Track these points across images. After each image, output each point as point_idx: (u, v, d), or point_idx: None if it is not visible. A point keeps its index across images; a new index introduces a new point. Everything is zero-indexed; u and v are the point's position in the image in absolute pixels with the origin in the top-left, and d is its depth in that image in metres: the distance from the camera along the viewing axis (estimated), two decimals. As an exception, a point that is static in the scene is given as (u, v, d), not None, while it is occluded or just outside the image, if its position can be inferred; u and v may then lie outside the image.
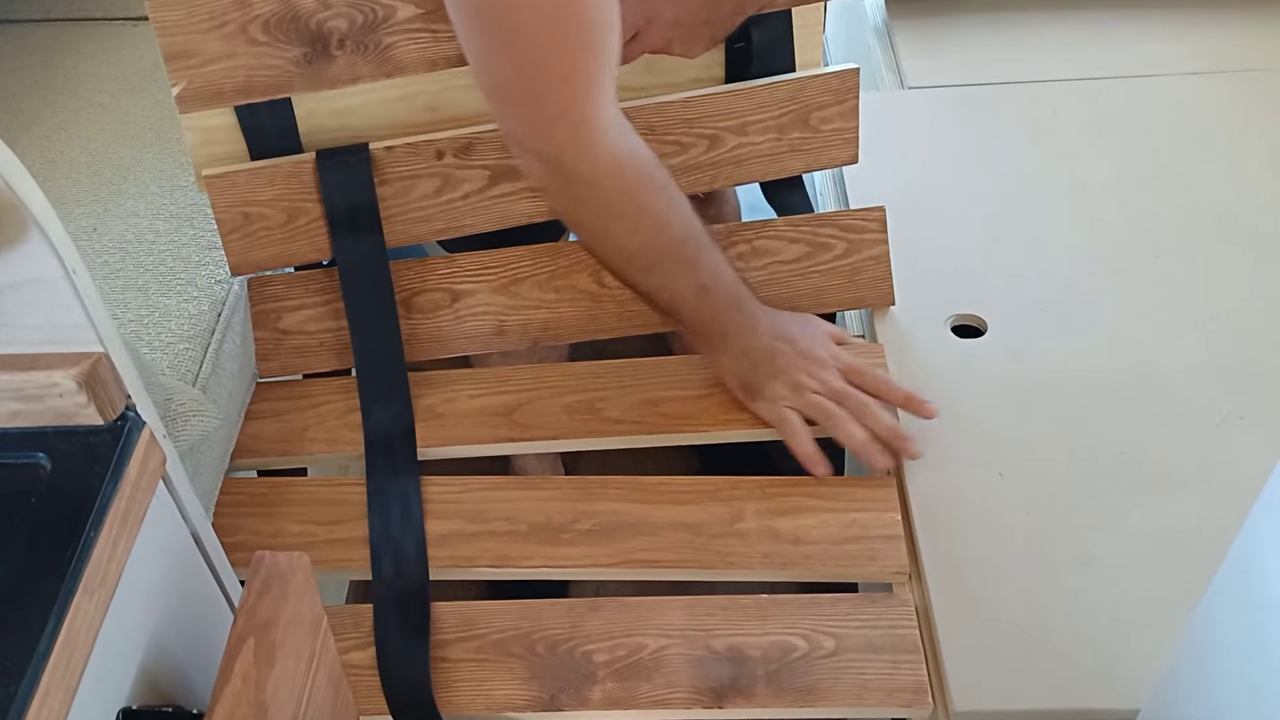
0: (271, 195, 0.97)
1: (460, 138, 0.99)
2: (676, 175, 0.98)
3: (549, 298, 1.04)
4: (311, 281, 1.02)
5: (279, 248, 0.99)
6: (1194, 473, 0.90)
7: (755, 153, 1.05)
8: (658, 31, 0.94)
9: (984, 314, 1.03)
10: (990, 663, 0.80)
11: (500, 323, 1.03)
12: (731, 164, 1.05)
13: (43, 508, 0.53)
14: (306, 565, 0.59)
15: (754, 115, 1.03)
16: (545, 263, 1.04)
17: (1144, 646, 0.80)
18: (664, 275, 0.90)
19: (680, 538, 0.90)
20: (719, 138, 1.04)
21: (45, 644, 0.48)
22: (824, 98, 1.04)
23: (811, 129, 1.05)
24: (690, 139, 1.04)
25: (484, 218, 1.03)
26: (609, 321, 1.04)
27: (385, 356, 0.99)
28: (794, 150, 1.05)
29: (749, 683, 0.82)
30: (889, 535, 0.89)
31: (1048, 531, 0.87)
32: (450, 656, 0.85)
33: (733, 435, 0.97)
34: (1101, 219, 1.11)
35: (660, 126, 1.02)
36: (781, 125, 1.04)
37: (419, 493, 0.93)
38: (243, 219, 0.97)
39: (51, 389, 0.52)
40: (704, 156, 1.04)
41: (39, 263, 0.50)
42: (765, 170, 1.06)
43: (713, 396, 0.98)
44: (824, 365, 0.94)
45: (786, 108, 1.04)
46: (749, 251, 1.04)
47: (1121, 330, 1.01)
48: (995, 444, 0.93)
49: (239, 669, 0.54)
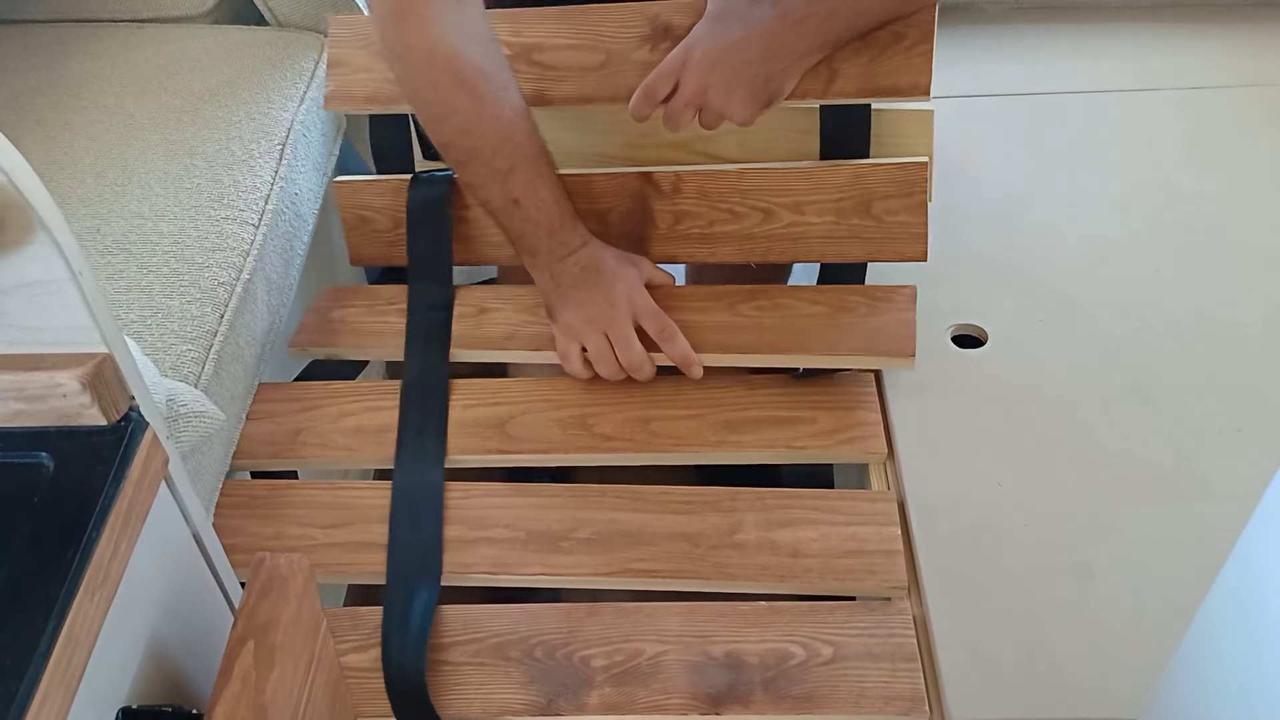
0: (382, 204, 1.13)
1: None
2: (731, 242, 1.05)
3: None
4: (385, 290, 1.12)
5: (385, 249, 1.14)
6: (1191, 485, 0.90)
7: (812, 232, 1.05)
8: (694, 75, 0.93)
9: (984, 324, 1.03)
10: (988, 672, 0.81)
11: (513, 331, 1.05)
12: (787, 239, 1.06)
13: (45, 507, 0.53)
14: (307, 568, 0.60)
15: (811, 195, 1.04)
16: None
17: (1141, 657, 0.80)
18: (475, 176, 0.95)
19: (679, 548, 0.90)
20: (773, 212, 1.05)
21: (46, 644, 0.48)
22: (888, 188, 1.02)
23: (874, 218, 1.03)
24: (744, 209, 1.06)
25: None
26: None
27: (433, 358, 1.04)
28: (855, 236, 1.04)
29: (746, 689, 0.82)
30: (888, 550, 0.89)
31: (1046, 542, 0.88)
32: (450, 659, 0.85)
33: (724, 457, 0.97)
34: (1103, 231, 1.12)
35: (714, 193, 1.05)
36: (841, 209, 1.04)
37: (442, 497, 0.94)
38: (360, 220, 1.14)
39: (55, 389, 0.52)
40: (758, 228, 1.06)
41: (45, 264, 0.51)
42: (823, 251, 1.06)
43: (704, 417, 0.98)
44: (617, 307, 0.97)
45: (847, 192, 1.03)
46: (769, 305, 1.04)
47: (1120, 342, 1.01)
48: (994, 455, 0.94)
49: (238, 670, 0.54)
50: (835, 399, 0.99)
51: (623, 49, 1.04)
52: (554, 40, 1.05)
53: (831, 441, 0.96)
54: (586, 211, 1.05)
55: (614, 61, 1.04)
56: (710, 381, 1.01)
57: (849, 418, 0.98)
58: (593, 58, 1.04)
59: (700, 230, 1.07)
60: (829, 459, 0.98)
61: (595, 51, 1.04)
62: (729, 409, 0.99)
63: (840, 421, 0.98)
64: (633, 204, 1.07)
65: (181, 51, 1.25)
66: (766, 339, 1.00)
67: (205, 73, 1.21)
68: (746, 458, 0.97)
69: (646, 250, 1.08)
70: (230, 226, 1.03)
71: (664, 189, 1.06)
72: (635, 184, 1.07)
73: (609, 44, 1.04)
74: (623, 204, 1.07)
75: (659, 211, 1.07)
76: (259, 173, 1.08)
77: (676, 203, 1.06)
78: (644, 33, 1.03)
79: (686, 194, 1.06)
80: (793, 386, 1.01)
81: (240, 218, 1.04)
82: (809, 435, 0.97)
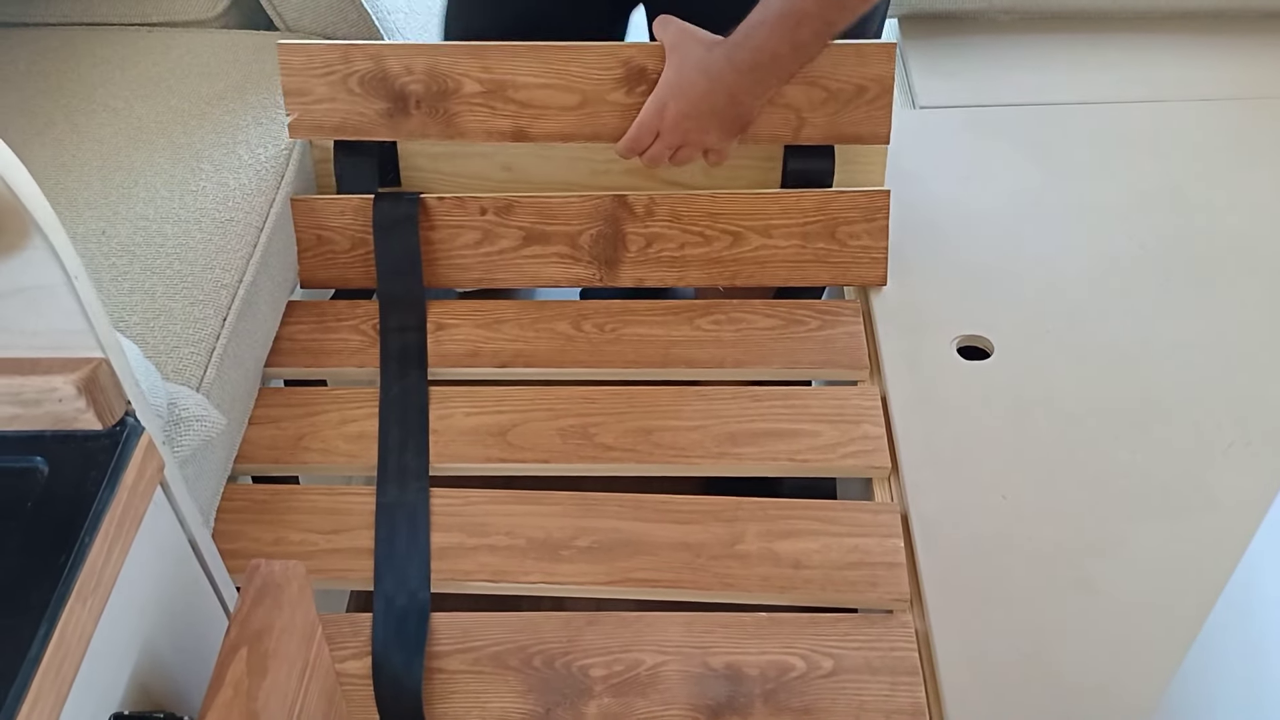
0: (342, 223, 1.11)
1: (502, 198, 1.10)
2: (700, 265, 1.11)
3: (526, 334, 1.07)
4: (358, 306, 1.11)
5: (340, 270, 1.12)
6: (1198, 498, 0.89)
7: (778, 256, 1.10)
8: (671, 129, 1.01)
9: (991, 336, 1.03)
10: (989, 686, 0.80)
11: (475, 349, 1.07)
12: (755, 263, 1.10)
13: (39, 512, 0.52)
14: (302, 574, 0.59)
15: (778, 219, 1.09)
16: (530, 312, 1.09)
17: (1145, 672, 0.79)
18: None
19: (680, 558, 0.90)
20: (742, 235, 1.09)
21: (36, 649, 0.47)
22: (852, 213, 1.08)
23: (839, 242, 1.09)
24: (715, 232, 1.10)
25: (515, 274, 1.12)
26: (580, 357, 1.06)
27: (410, 378, 1.03)
28: (819, 260, 1.10)
29: (746, 701, 0.81)
30: (891, 562, 0.88)
31: (1051, 555, 0.87)
32: (446, 668, 0.85)
33: (726, 469, 0.97)
34: (1110, 242, 1.11)
35: (686, 216, 1.09)
36: (807, 233, 1.09)
37: (427, 510, 0.93)
38: (316, 240, 1.11)
39: (50, 393, 0.52)
40: (726, 252, 1.10)
41: (41, 269, 0.50)
42: (788, 275, 1.11)
43: (707, 429, 0.98)
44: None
45: (813, 217, 1.08)
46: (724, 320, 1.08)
47: (1129, 354, 1.01)
48: (999, 467, 0.93)
49: (231, 677, 0.54)
50: (839, 412, 0.99)
51: (599, 90, 1.07)
52: (526, 78, 1.07)
53: (835, 455, 0.96)
54: (558, 233, 1.10)
55: (591, 102, 1.07)
56: (713, 393, 1.01)
57: (853, 431, 0.97)
58: (569, 97, 1.07)
59: (671, 253, 1.11)
60: (832, 473, 0.97)
61: (570, 91, 1.07)
62: (732, 421, 0.99)
63: (844, 435, 0.97)
64: (605, 227, 1.10)
65: (190, 56, 1.25)
66: (730, 354, 1.05)
67: (213, 77, 1.21)
68: (749, 470, 0.96)
69: (616, 273, 1.12)
70: (235, 229, 1.03)
71: (637, 211, 1.09)
72: (608, 206, 1.09)
73: (583, 85, 1.07)
74: (594, 226, 1.10)
75: (631, 234, 1.10)
76: (264, 177, 1.08)
77: (649, 225, 1.10)
78: (619, 75, 1.06)
79: (659, 216, 1.09)
80: (796, 400, 1.00)
81: (245, 220, 1.04)
82: (812, 449, 0.96)
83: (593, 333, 1.07)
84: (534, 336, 1.07)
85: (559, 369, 1.05)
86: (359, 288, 1.13)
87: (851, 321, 1.07)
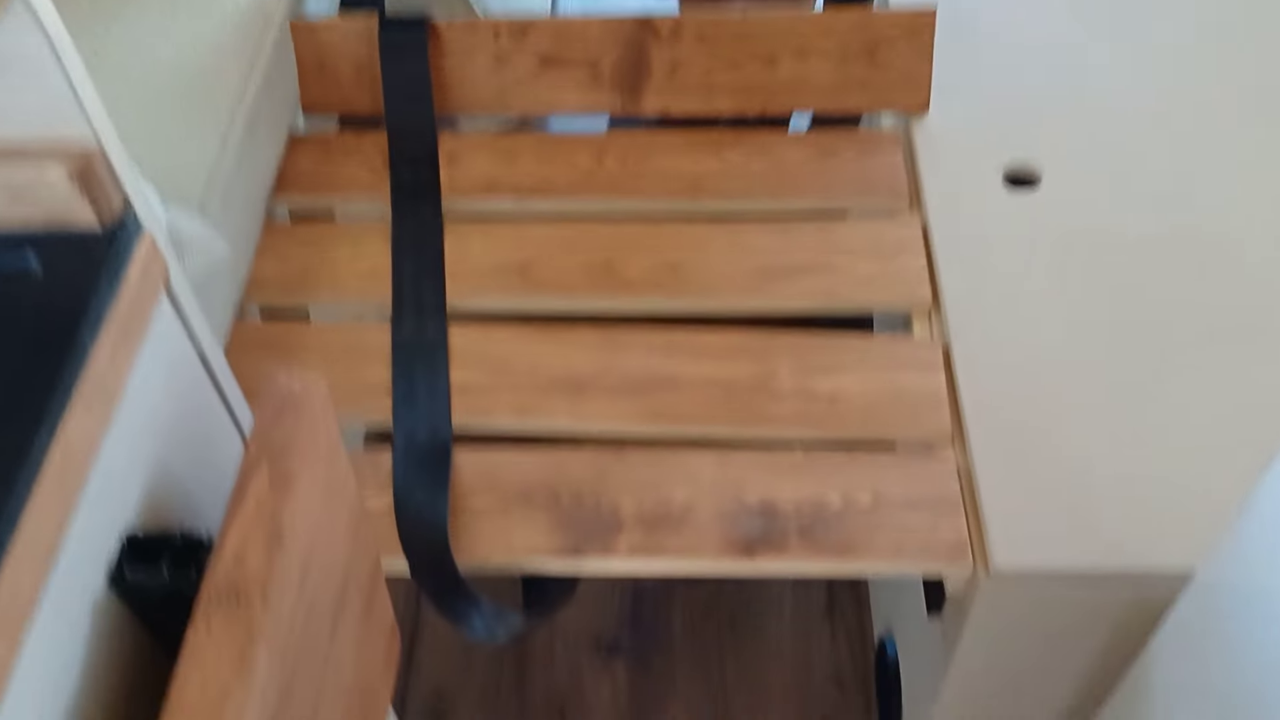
0: (345, 48, 1.04)
1: (517, 22, 1.02)
2: (728, 94, 1.04)
3: (545, 168, 1.02)
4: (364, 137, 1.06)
5: (343, 96, 1.06)
6: (1256, 334, 0.85)
7: (813, 81, 1.03)
8: None
9: (1039, 163, 0.97)
10: (1034, 521, 0.77)
11: (492, 180, 1.01)
12: (788, 90, 1.03)
13: (34, 315, 0.48)
14: (324, 390, 0.55)
15: (814, 41, 1.01)
16: (548, 145, 1.04)
17: (1195, 508, 0.76)
18: None
19: (711, 394, 0.86)
20: (776, 59, 1.02)
21: (38, 454, 0.44)
22: (894, 33, 1.00)
23: (878, 66, 1.01)
24: (745, 57, 1.02)
25: (531, 101, 1.05)
26: (602, 188, 1.00)
27: (423, 211, 0.98)
28: (858, 85, 1.02)
29: (781, 536, 0.78)
30: (932, 397, 0.84)
31: (1096, 390, 0.83)
32: (471, 507, 0.82)
33: (758, 304, 0.92)
34: (1178, 76, 1.04)
35: (714, 39, 1.02)
36: (845, 55, 1.01)
37: (446, 346, 0.89)
38: (318, 65, 1.06)
39: (41, 180, 0.47)
40: (757, 77, 1.03)
41: (18, 35, 0.45)
42: (824, 102, 1.04)
43: (737, 263, 0.93)
44: None
45: (851, 38, 1.01)
46: None
47: (1186, 188, 0.95)
48: (1046, 301, 0.88)
49: (253, 492, 0.50)
50: (876, 245, 0.94)
51: None
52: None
53: (873, 289, 0.91)
54: (577, 59, 1.03)
55: None
56: (743, 227, 0.96)
57: (892, 264, 0.93)
58: None
59: (697, 79, 1.03)
60: (870, 307, 0.93)
61: None
62: (763, 255, 0.94)
63: (882, 268, 0.92)
64: (626, 51, 1.03)
65: None
66: (761, 185, 0.99)
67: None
68: (781, 305, 0.92)
69: (639, 101, 1.05)
70: (233, 50, 0.96)
71: (662, 34, 1.02)
72: (631, 30, 1.02)
73: None
74: (615, 51, 1.03)
75: (656, 59, 1.03)
76: (263, -3, 1.01)
77: (675, 49, 1.02)
78: None
79: (685, 40, 1.02)
80: (832, 232, 0.95)
81: (244, 42, 0.97)
82: (849, 283, 0.92)
83: (614, 167, 1.02)
84: (553, 170, 1.02)
85: (581, 199, 0.99)
86: (365, 115, 1.06)
87: (891, 151, 1.01)
